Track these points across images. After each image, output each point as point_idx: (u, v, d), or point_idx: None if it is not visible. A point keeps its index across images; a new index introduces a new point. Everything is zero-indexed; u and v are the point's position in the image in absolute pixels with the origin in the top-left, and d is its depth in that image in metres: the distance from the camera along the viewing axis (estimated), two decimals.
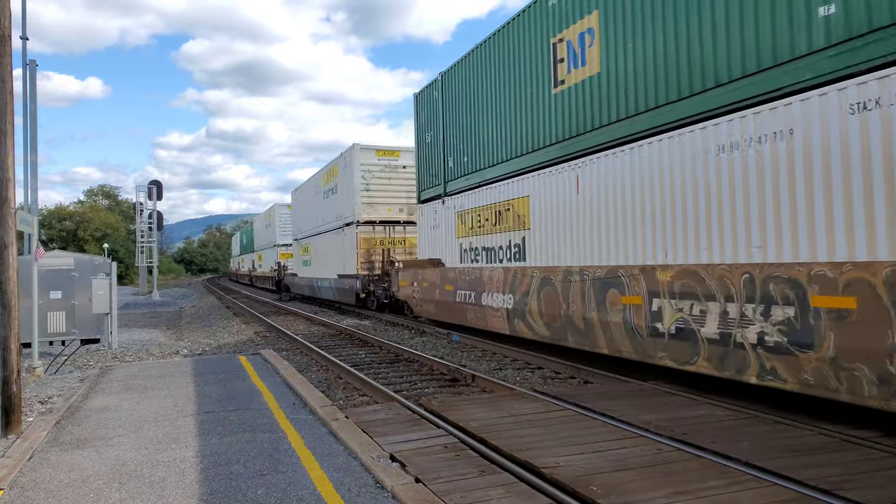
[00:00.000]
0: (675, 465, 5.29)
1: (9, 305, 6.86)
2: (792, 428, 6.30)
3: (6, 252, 6.87)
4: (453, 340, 14.49)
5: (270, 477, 5.23)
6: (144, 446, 6.18)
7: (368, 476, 5.20)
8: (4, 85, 6.92)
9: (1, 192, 6.84)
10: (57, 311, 13.37)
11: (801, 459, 5.33)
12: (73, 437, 6.61)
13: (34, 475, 5.43)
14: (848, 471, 5.04)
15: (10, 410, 6.84)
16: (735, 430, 6.26)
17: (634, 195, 9.24)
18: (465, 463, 5.48)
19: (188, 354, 14.01)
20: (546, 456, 5.54)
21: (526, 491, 4.82)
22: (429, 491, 4.81)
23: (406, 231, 23.27)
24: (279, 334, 17.43)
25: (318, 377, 10.83)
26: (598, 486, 4.80)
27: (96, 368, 11.36)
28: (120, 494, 4.94)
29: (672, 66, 8.60)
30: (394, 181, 23.30)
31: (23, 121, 17.45)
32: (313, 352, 13.27)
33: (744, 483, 4.83)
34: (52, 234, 58.78)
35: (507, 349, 12.35)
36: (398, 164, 23.34)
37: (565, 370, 10.32)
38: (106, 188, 76.39)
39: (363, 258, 22.66)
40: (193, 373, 10.29)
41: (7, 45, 6.99)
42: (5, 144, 6.88)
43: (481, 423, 6.69)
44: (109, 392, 8.92)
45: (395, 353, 13.01)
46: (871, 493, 4.55)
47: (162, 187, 45.23)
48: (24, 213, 9.62)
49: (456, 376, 10.30)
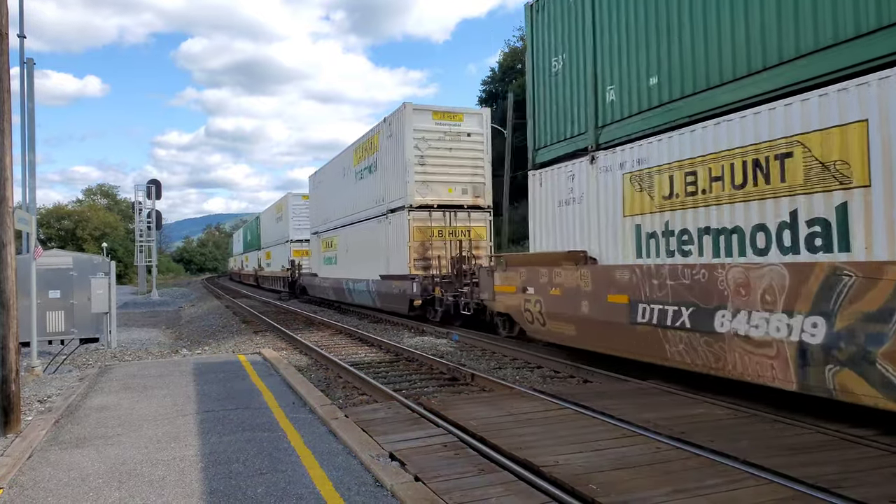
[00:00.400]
0: (673, 463, 5.30)
1: (7, 304, 6.86)
2: (790, 426, 6.31)
3: (4, 251, 6.86)
4: (453, 339, 14.50)
5: (270, 476, 5.23)
6: (144, 445, 6.19)
7: (368, 475, 5.20)
8: (2, 83, 6.91)
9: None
10: (56, 311, 13.36)
11: (799, 457, 5.34)
12: (73, 436, 6.61)
13: (33, 474, 5.44)
14: (846, 469, 5.06)
15: (9, 410, 6.84)
16: (734, 429, 6.27)
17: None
18: (465, 461, 5.49)
19: (187, 353, 14.01)
20: (545, 454, 5.55)
21: (525, 489, 4.83)
22: (428, 489, 4.82)
23: (471, 219, 18.27)
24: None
25: (317, 376, 10.83)
26: (597, 485, 4.81)
27: (95, 367, 11.35)
28: (119, 493, 4.95)
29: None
30: (456, 153, 18.03)
31: (20, 119, 17.42)
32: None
33: (742, 481, 4.84)
34: (50, 233, 58.75)
35: (507, 348, 12.36)
36: (461, 130, 18.00)
37: (564, 369, 10.33)
38: (105, 187, 76.44)
39: (417, 253, 17.75)
40: (193, 372, 10.29)
41: (4, 43, 6.98)
42: (3, 143, 6.87)
43: (481, 422, 6.69)
44: (109, 391, 8.92)
45: (399, 353, 13.01)
46: (868, 491, 4.56)
47: (161, 186, 45.23)
48: (22, 212, 9.60)
49: (455, 375, 10.31)
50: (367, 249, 21.08)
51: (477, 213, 18.34)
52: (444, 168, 18.00)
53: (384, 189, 19.59)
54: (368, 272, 20.64)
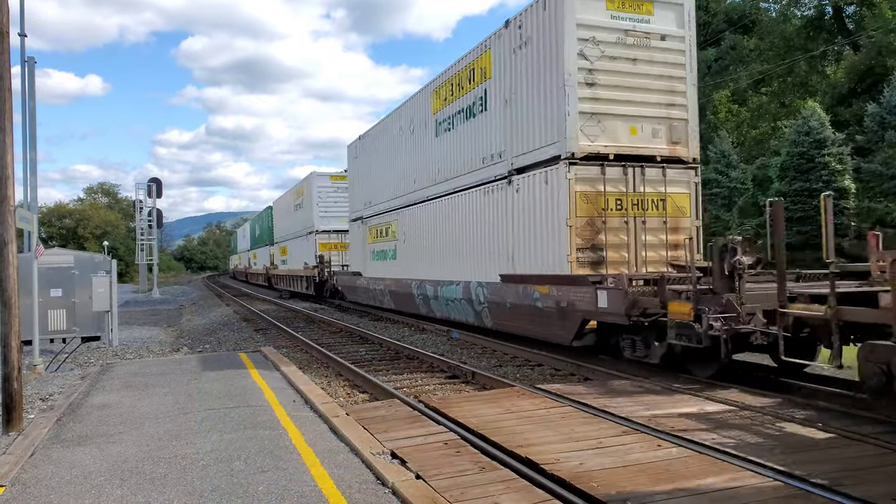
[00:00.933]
0: (675, 460, 5.30)
1: (9, 303, 6.86)
2: (792, 423, 6.31)
3: (6, 249, 6.87)
4: (453, 338, 14.50)
5: (272, 473, 5.24)
6: (145, 443, 6.19)
7: (369, 472, 5.20)
8: (3, 82, 6.92)
9: (0, 189, 6.84)
10: (57, 309, 13.38)
11: (801, 455, 5.33)
12: (75, 434, 6.62)
13: (36, 472, 5.44)
14: (848, 466, 5.05)
15: (11, 408, 6.85)
16: (735, 426, 6.26)
17: None
18: (466, 459, 5.48)
19: (189, 351, 14.02)
20: (546, 452, 5.55)
21: (526, 487, 4.83)
22: (429, 487, 4.82)
23: (668, 181, 11.29)
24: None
25: (318, 374, 10.84)
26: (598, 482, 4.81)
27: (97, 366, 11.36)
28: (121, 491, 4.95)
29: None
30: (643, 68, 11.21)
31: (21, 118, 17.44)
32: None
33: (744, 479, 4.83)
34: (51, 231, 58.82)
35: (508, 346, 12.35)
36: (651, 29, 11.23)
37: (565, 367, 10.32)
38: (105, 186, 76.61)
39: (582, 238, 10.75)
40: (194, 370, 10.30)
41: (5, 41, 6.98)
42: (4, 142, 6.88)
43: (481, 420, 6.69)
44: (110, 389, 8.93)
45: (399, 351, 13.01)
46: (871, 489, 4.55)
47: (161, 185, 45.28)
48: (23, 210, 9.61)
49: (456, 373, 10.32)
50: (466, 237, 14.50)
51: (675, 172, 11.48)
52: (626, 93, 11.16)
53: (506, 135, 12.66)
54: (471, 272, 14.12)
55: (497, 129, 13.02)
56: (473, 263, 14.02)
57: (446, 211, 15.45)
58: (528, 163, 11.96)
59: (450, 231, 15.29)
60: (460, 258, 14.70)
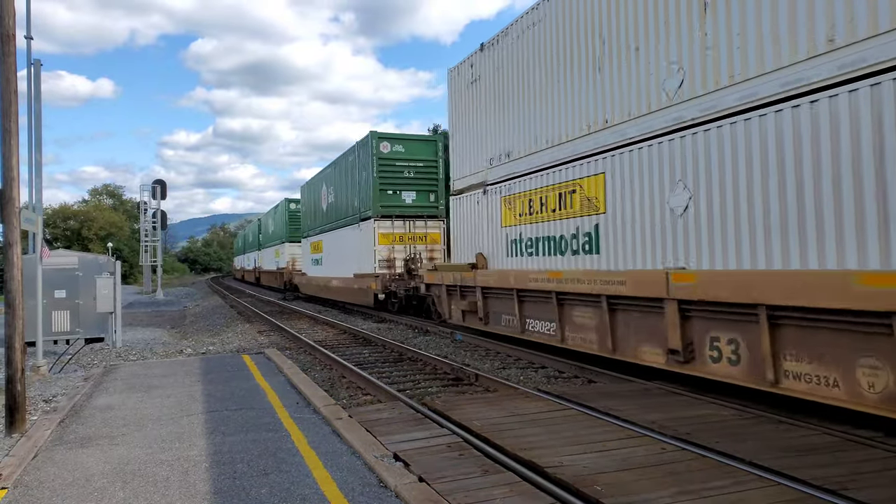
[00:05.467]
0: (679, 464, 5.27)
1: (13, 304, 6.88)
2: (796, 428, 6.27)
3: (11, 251, 6.89)
4: (456, 339, 14.48)
5: (274, 476, 5.23)
6: (148, 445, 6.20)
7: (372, 475, 5.19)
8: (9, 85, 6.94)
9: (6, 191, 6.86)
10: (61, 310, 13.41)
11: (805, 459, 5.30)
12: (78, 435, 6.62)
13: (38, 474, 5.45)
14: (853, 471, 5.02)
15: (14, 409, 6.86)
16: (739, 430, 6.24)
17: None
18: (469, 462, 5.47)
19: (192, 353, 14.03)
20: (550, 455, 5.53)
21: (529, 490, 4.81)
22: (432, 490, 4.81)
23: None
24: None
25: (321, 376, 10.83)
26: (602, 486, 4.79)
27: (100, 367, 11.38)
28: (124, 493, 4.95)
29: None
30: None
31: (27, 120, 17.49)
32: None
33: (748, 483, 4.81)
34: (56, 233, 59.01)
35: (511, 348, 12.33)
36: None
37: (569, 370, 10.30)
38: (110, 187, 76.83)
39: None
40: (197, 372, 10.31)
41: (11, 44, 7.00)
42: (10, 144, 6.90)
43: (485, 423, 6.68)
44: (113, 391, 8.94)
45: (403, 353, 13.00)
46: (876, 494, 4.52)
47: (166, 186, 45.37)
48: (28, 211, 9.63)
49: (459, 375, 10.30)
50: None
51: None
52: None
53: None
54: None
55: None
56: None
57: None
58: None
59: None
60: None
